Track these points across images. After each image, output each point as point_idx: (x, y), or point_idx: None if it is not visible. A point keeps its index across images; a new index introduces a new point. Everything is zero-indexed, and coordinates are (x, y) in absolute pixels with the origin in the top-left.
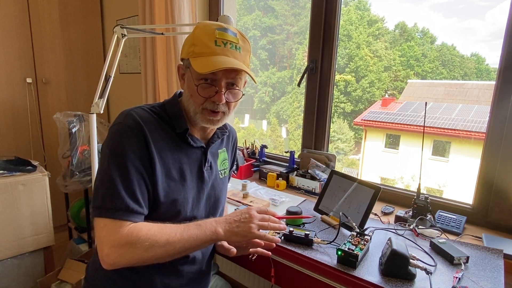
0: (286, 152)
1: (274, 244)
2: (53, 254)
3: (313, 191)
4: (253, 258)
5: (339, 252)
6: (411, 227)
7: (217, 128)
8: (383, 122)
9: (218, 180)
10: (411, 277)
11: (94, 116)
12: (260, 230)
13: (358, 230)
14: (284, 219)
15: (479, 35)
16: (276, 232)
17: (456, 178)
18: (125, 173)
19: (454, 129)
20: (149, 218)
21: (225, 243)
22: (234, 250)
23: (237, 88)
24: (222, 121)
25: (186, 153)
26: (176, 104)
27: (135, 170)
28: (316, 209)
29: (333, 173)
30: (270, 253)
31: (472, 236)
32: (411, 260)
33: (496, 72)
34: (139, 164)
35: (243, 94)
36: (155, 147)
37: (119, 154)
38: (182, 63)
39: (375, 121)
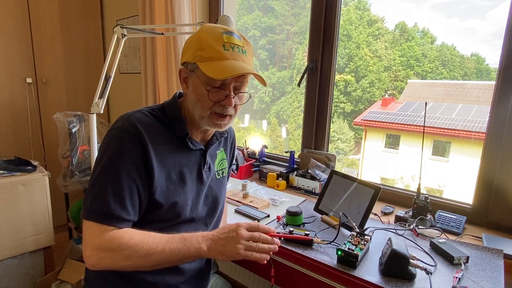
0: (286, 152)
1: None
2: (53, 254)
3: (313, 191)
4: None
5: (339, 252)
6: (411, 227)
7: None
8: (383, 122)
9: (215, 180)
10: (411, 277)
11: (94, 116)
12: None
13: (358, 230)
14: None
15: (481, 35)
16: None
17: (456, 178)
18: (117, 179)
19: (454, 129)
20: (149, 220)
21: None
22: None
23: (243, 91)
24: (229, 124)
25: (186, 156)
26: (176, 107)
27: (128, 176)
28: (316, 209)
29: (333, 173)
30: (265, 262)
31: (472, 236)
32: (411, 260)
33: (496, 72)
34: (133, 171)
35: (250, 96)
36: (155, 151)
37: (114, 159)
38: (184, 67)
39: (375, 121)
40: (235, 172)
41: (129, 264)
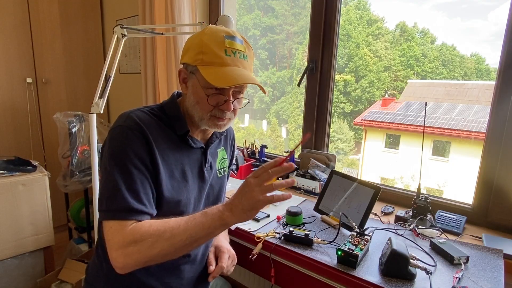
0: (286, 152)
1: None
2: (53, 254)
3: (313, 191)
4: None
5: (339, 252)
6: (411, 227)
7: None
8: (383, 122)
9: (216, 179)
10: (411, 277)
11: (94, 116)
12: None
13: (358, 230)
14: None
15: (483, 35)
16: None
17: (456, 178)
18: (128, 174)
19: (454, 129)
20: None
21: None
22: (212, 267)
23: (243, 96)
24: (228, 125)
25: (187, 154)
26: (175, 106)
27: (138, 171)
28: (316, 209)
29: (333, 173)
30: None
31: (472, 236)
32: (411, 260)
33: (496, 72)
34: (142, 165)
35: (248, 101)
36: (157, 148)
37: (121, 156)
38: (184, 67)
39: (375, 121)
40: (235, 172)
41: (157, 252)
